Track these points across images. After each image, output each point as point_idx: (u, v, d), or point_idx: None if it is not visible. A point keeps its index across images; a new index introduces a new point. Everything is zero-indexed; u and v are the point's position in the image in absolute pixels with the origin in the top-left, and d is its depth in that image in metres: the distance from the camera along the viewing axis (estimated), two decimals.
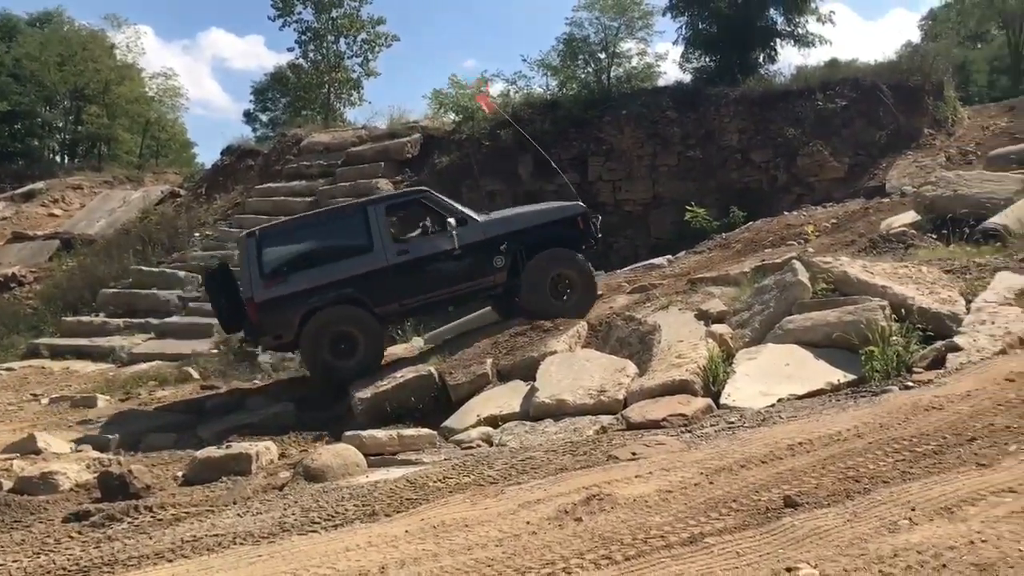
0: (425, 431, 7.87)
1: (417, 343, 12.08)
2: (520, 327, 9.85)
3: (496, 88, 23.04)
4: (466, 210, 10.72)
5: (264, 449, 7.56)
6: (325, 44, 33.47)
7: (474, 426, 7.82)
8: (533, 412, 7.68)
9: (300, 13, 33.00)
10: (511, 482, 5.34)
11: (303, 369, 11.26)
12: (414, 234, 10.86)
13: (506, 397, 8.31)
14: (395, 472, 6.30)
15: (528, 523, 4.33)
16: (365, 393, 9.06)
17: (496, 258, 10.34)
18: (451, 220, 10.10)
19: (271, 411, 9.62)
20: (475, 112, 20.95)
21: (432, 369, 9.20)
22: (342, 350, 9.89)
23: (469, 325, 11.80)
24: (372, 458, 7.13)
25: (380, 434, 7.70)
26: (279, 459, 7.60)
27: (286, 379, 11.65)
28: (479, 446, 7.24)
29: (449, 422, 8.12)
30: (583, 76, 23.46)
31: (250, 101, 44.64)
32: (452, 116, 22.28)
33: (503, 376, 8.96)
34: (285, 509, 5.39)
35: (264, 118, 40.73)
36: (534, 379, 8.27)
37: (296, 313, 9.77)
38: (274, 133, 29.10)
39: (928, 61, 18.97)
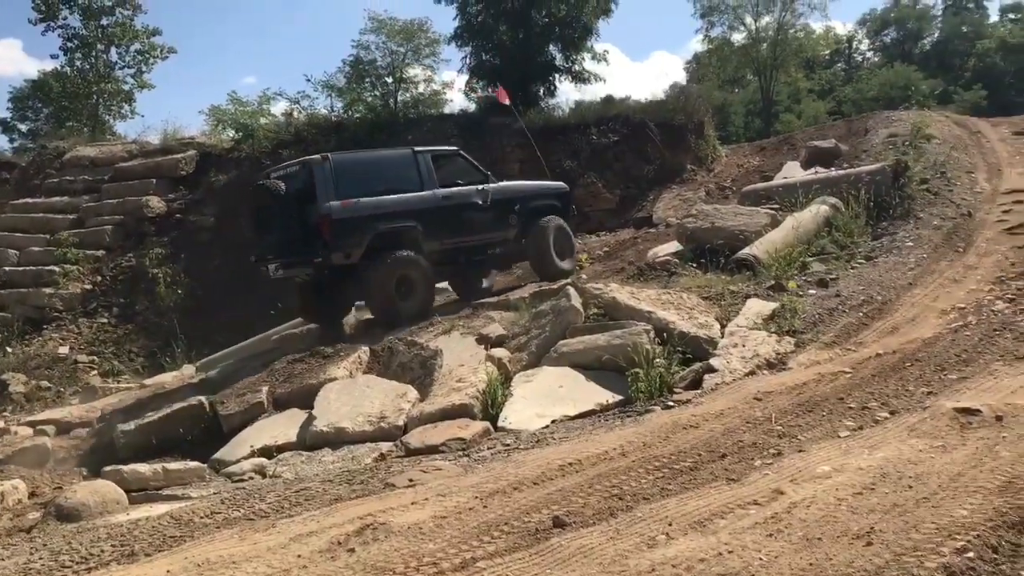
0: (194, 464, 7.44)
1: (188, 370, 11.49)
2: (299, 352, 9.61)
3: (278, 107, 22.50)
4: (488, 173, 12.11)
5: (11, 488, 6.87)
6: (94, 53, 31.24)
7: (247, 457, 7.49)
8: (310, 441, 7.48)
9: (66, 18, 30.64)
10: (283, 515, 5.16)
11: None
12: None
13: (282, 426, 8.04)
14: (159, 508, 5.91)
15: (299, 556, 4.19)
16: (128, 425, 8.49)
17: (511, 216, 11.93)
18: (489, 175, 11.91)
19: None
20: (255, 130, 20.34)
21: (203, 398, 8.77)
22: (403, 292, 10.50)
23: (244, 352, 11.37)
24: (135, 494, 6.64)
25: (143, 468, 7.20)
26: (29, 498, 6.94)
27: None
28: (252, 478, 6.95)
29: (220, 454, 7.74)
30: (370, 99, 23.37)
31: (8, 109, 40.84)
32: (231, 133, 21.48)
33: (280, 404, 8.66)
34: (32, 553, 4.91)
35: (23, 128, 37.45)
36: (312, 407, 8.07)
37: (365, 235, 10.35)
38: (34, 145, 26.79)
39: (691, 102, 20.42)
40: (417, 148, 11.82)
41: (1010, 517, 3.63)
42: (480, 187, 11.62)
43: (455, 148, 12.84)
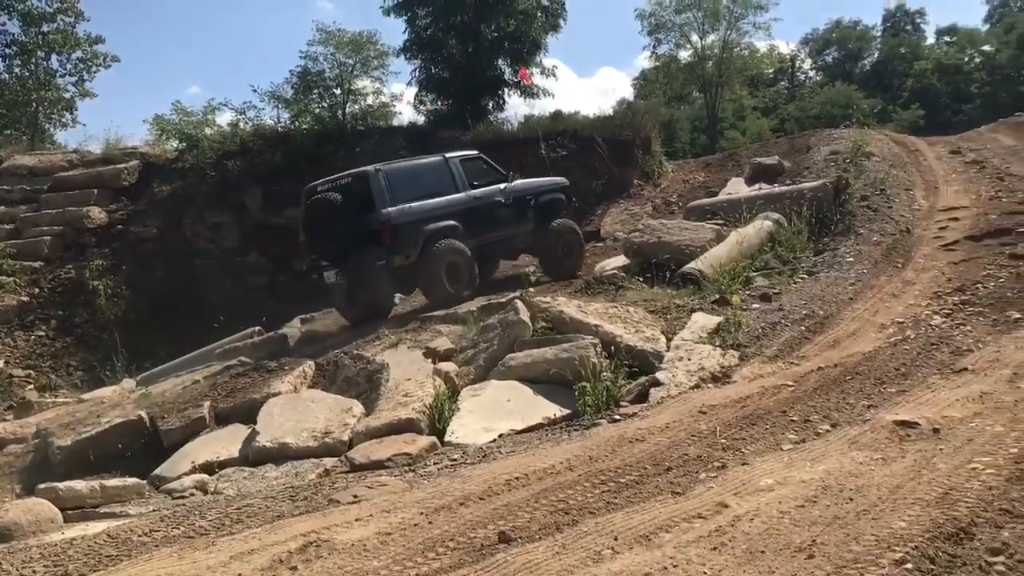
0: (132, 480, 7.30)
1: (129, 385, 11.24)
2: (242, 366, 9.46)
3: (224, 117, 22.23)
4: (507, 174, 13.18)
5: None
6: (34, 60, 30.49)
7: (188, 473, 7.36)
8: (253, 457, 7.37)
9: (4, 24, 29.86)
10: (224, 532, 5.05)
11: None
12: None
13: (224, 442, 7.91)
14: (96, 526, 5.76)
15: (240, 575, 4.11)
16: (65, 441, 8.26)
17: (529, 211, 13.11)
18: (507, 175, 13.02)
19: None
20: (200, 141, 20.07)
21: (143, 413, 8.58)
22: (452, 277, 11.45)
23: (187, 365, 11.16)
24: (70, 512, 6.51)
25: (80, 485, 7.03)
26: None
27: None
28: (192, 495, 6.82)
29: (160, 470, 7.58)
30: (317, 110, 23.22)
31: None
32: (175, 143, 21.16)
33: (222, 419, 8.53)
34: None
35: None
36: (256, 422, 7.94)
37: (419, 236, 11.38)
38: None
39: (639, 118, 20.64)
40: (448, 155, 12.86)
41: (946, 528, 3.69)
42: (502, 186, 12.80)
43: (476, 152, 13.84)
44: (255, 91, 30.84)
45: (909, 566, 3.38)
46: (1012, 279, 8.98)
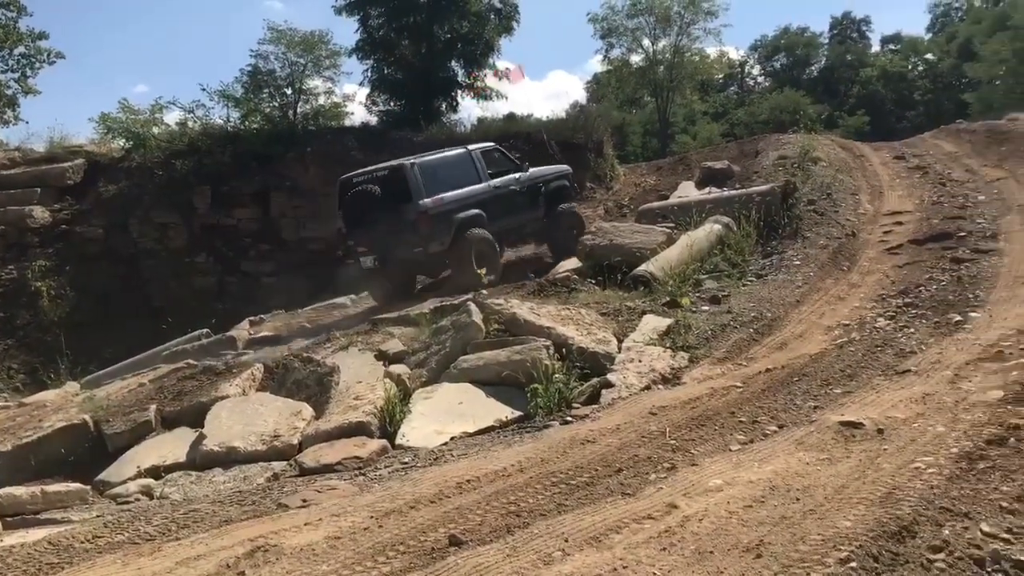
0: (75, 486, 7.11)
1: (72, 387, 10.99)
2: (189, 369, 9.31)
3: (172, 116, 21.89)
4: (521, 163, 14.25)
5: None
6: None
7: (133, 478, 7.20)
8: (200, 461, 7.24)
9: None
10: (170, 538, 4.96)
11: None
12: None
13: (171, 446, 7.76)
14: (36, 533, 5.61)
15: None
16: (4, 446, 8.04)
17: (539, 198, 14.12)
18: (521, 164, 14.10)
19: None
20: (147, 139, 19.74)
21: (87, 416, 8.38)
22: (480, 262, 12.21)
23: (133, 368, 10.96)
24: (10, 519, 6.33)
25: (19, 491, 6.84)
26: None
27: None
28: (138, 500, 6.67)
29: (104, 475, 7.40)
30: (268, 110, 22.97)
31: None
32: (122, 142, 20.75)
33: (169, 423, 8.37)
34: None
35: None
36: (203, 425, 7.81)
37: (451, 225, 12.25)
38: None
39: (591, 121, 20.78)
40: (470, 147, 13.87)
41: (890, 527, 3.76)
42: (517, 175, 13.78)
43: (493, 144, 14.83)
44: (204, 90, 30.40)
45: (854, 564, 3.45)
46: (953, 282, 9.20)
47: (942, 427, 5.13)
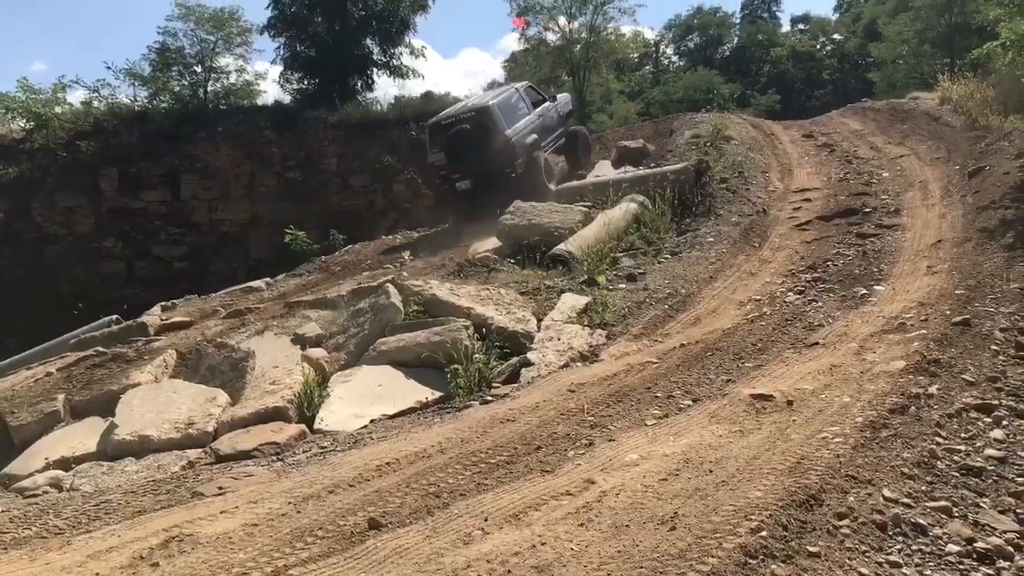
0: None
1: None
2: (99, 356, 9.03)
3: (75, 95, 21.11)
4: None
5: None
6: None
7: (42, 470, 6.94)
8: (112, 451, 7.03)
9: None
10: (81, 530, 4.83)
11: None
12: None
13: (81, 436, 7.51)
14: None
15: (97, 575, 3.94)
16: None
17: (561, 121, 17.18)
18: (550, 97, 17.43)
19: None
20: (49, 120, 18.99)
21: None
22: (548, 176, 15.09)
23: (38, 357, 10.58)
24: None
25: None
26: None
27: None
28: (46, 493, 6.44)
29: (10, 468, 7.14)
30: (177, 89, 22.33)
31: None
32: (22, 123, 19.91)
33: (78, 413, 8.10)
34: None
35: None
36: (114, 415, 7.58)
37: (524, 149, 14.81)
38: None
39: None
40: (516, 85, 16.83)
41: (798, 496, 3.90)
42: (547, 105, 16.68)
43: (528, 83, 18.23)
44: (109, 68, 29.28)
45: (764, 534, 3.56)
46: (859, 257, 9.52)
47: (848, 397, 5.32)
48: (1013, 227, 9.15)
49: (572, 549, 3.57)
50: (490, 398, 6.63)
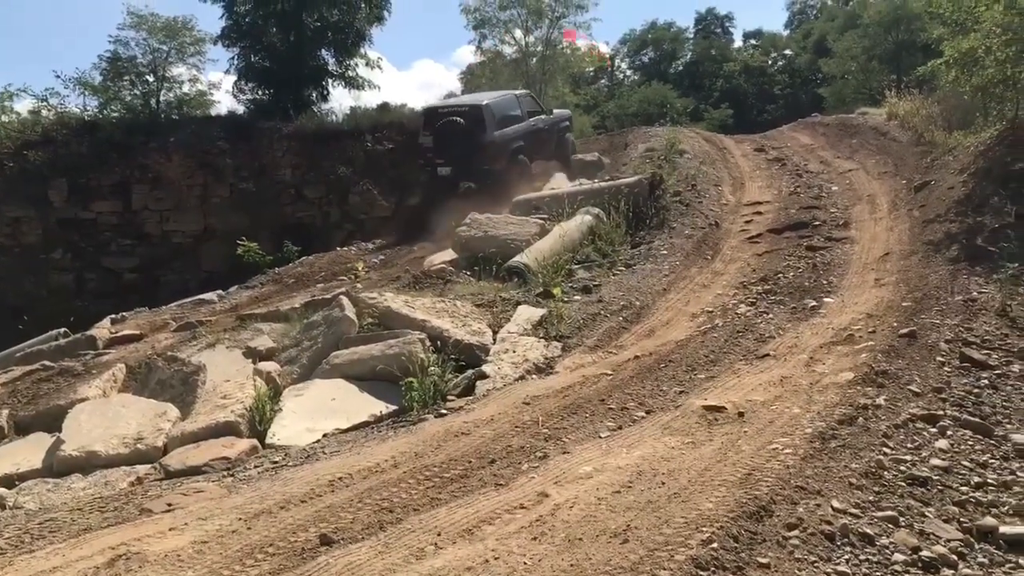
0: None
1: None
2: (45, 370, 8.85)
3: (22, 105, 20.73)
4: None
5: None
6: None
7: None
8: (58, 467, 6.88)
9: None
10: (23, 550, 4.69)
11: None
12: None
13: (26, 452, 7.34)
14: None
15: None
16: None
17: (555, 133, 18.19)
18: (545, 108, 18.66)
19: None
20: None
21: None
22: (523, 178, 15.80)
23: None
24: None
25: None
26: None
27: None
28: None
29: None
30: (129, 98, 22.03)
31: None
32: None
33: (23, 428, 7.92)
34: None
35: None
36: (61, 430, 7.42)
37: (507, 151, 15.97)
38: None
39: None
40: (516, 92, 18.15)
41: (749, 507, 3.94)
42: (543, 116, 17.84)
43: (528, 91, 19.83)
44: (59, 77, 28.80)
45: (715, 545, 3.59)
46: (809, 269, 9.68)
47: (798, 409, 5.40)
48: (957, 240, 9.38)
49: (525, 563, 3.57)
50: (445, 411, 6.59)
